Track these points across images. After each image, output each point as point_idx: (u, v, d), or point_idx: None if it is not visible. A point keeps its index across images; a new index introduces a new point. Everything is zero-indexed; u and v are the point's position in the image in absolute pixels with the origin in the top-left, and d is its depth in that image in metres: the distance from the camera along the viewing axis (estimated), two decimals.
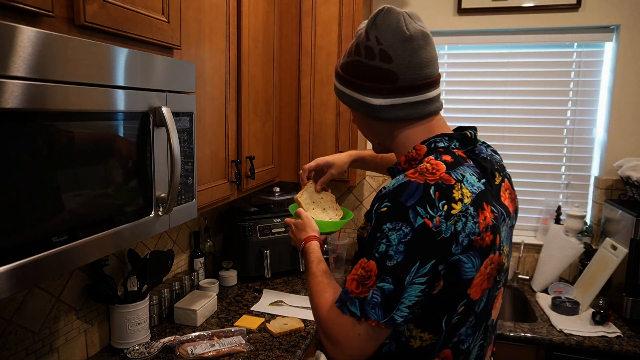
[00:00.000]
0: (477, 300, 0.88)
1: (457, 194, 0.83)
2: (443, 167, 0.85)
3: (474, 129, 1.00)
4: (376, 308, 0.81)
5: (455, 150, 0.92)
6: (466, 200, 0.83)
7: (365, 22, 0.95)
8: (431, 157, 0.89)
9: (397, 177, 0.87)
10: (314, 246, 1.11)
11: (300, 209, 1.25)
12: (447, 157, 0.89)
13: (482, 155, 0.99)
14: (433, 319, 0.87)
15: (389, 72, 0.90)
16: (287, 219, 1.26)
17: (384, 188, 0.87)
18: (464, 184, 0.85)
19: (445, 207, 0.81)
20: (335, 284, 0.99)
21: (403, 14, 0.91)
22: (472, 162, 0.92)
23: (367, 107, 0.95)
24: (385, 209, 0.83)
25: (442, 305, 0.86)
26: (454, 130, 1.00)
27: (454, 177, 0.84)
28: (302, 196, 1.32)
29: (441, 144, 0.93)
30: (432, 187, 0.82)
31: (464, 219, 0.81)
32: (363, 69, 0.93)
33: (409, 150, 0.96)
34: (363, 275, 0.83)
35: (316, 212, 1.32)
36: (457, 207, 0.81)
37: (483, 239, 0.84)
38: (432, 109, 0.95)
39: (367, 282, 0.82)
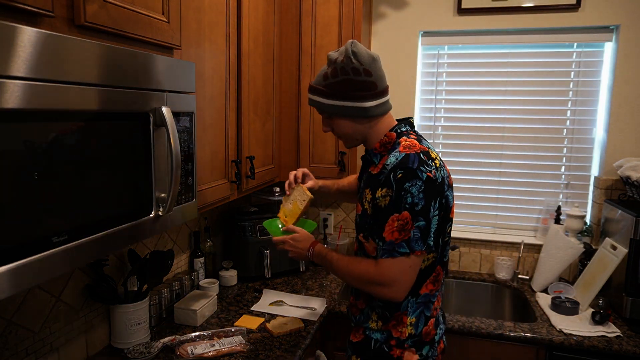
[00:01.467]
0: (451, 220, 1.33)
1: (432, 155, 1.27)
2: (416, 142, 1.29)
3: (412, 117, 1.41)
4: (418, 241, 1.20)
5: (411, 133, 1.34)
6: (437, 158, 1.28)
7: (337, 52, 1.30)
8: (403, 137, 1.31)
9: (394, 154, 1.25)
10: (321, 247, 1.43)
11: (290, 225, 1.50)
12: (413, 136, 1.32)
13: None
14: (436, 240, 1.25)
15: (372, 83, 1.29)
16: (277, 238, 1.48)
17: (387, 165, 1.25)
18: (431, 149, 1.30)
19: (432, 163, 1.24)
20: (358, 257, 1.37)
21: (361, 45, 1.29)
22: (421, 137, 1.36)
23: (361, 110, 1.30)
24: (400, 175, 1.20)
25: (440, 228, 1.25)
26: (398, 120, 1.39)
27: (425, 146, 1.29)
28: (285, 208, 1.58)
29: (403, 129, 1.35)
30: (420, 154, 1.24)
31: (441, 169, 1.26)
32: (353, 84, 1.28)
33: (380, 138, 1.34)
34: (401, 224, 1.19)
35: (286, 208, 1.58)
36: (437, 163, 1.26)
37: (450, 179, 1.31)
38: (390, 105, 1.38)
39: (407, 226, 1.19)
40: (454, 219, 1.36)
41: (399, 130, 1.34)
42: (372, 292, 1.30)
